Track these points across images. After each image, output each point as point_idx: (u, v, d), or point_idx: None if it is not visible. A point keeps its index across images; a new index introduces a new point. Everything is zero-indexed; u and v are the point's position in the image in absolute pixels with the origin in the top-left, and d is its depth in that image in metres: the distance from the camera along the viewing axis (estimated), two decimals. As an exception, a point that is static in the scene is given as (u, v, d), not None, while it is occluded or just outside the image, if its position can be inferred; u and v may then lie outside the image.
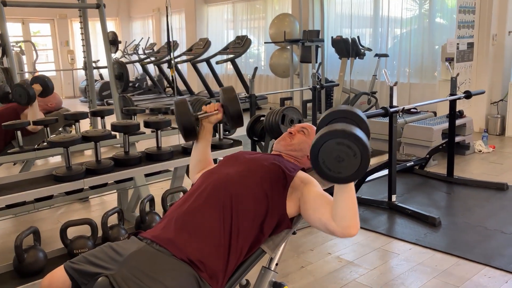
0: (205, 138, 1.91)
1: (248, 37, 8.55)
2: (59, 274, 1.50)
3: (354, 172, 1.32)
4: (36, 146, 3.36)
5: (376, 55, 7.42)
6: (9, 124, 3.05)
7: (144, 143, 3.79)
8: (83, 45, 5.48)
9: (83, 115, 3.31)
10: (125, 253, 1.47)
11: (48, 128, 3.14)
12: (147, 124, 2.77)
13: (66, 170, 2.35)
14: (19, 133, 3.07)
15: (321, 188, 1.61)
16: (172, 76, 7.98)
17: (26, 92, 3.36)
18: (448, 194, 3.98)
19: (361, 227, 3.24)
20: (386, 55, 7.50)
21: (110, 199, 3.94)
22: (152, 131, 2.99)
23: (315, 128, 1.87)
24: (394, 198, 3.61)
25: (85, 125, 6.07)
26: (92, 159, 2.55)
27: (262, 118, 3.66)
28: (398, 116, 3.64)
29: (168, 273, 1.39)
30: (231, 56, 8.25)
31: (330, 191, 1.58)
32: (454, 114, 4.25)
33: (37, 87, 3.56)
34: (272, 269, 1.75)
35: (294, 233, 1.77)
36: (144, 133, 3.42)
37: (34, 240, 2.23)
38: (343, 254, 2.89)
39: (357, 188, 3.83)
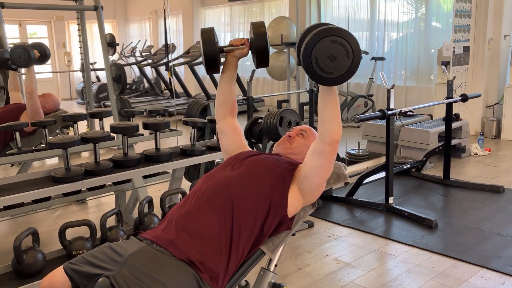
0: (228, 72, 1.85)
1: (245, 40, 8.56)
2: (58, 275, 1.50)
3: (345, 72, 1.34)
4: (34, 148, 3.36)
5: (373, 58, 7.45)
6: (7, 125, 3.05)
7: (142, 145, 3.79)
8: (80, 47, 5.48)
9: (81, 117, 3.31)
10: (125, 253, 1.47)
11: (46, 130, 3.14)
12: (146, 126, 2.77)
13: (65, 171, 2.35)
14: (17, 134, 3.07)
15: None
16: (169, 79, 7.98)
17: (26, 53, 3.31)
18: (445, 197, 4.00)
19: (358, 229, 3.28)
20: (382, 59, 7.53)
21: (108, 201, 3.93)
22: (151, 133, 2.99)
23: (314, 130, 1.89)
24: (391, 200, 3.62)
25: (82, 127, 6.06)
26: (90, 161, 2.55)
27: (260, 120, 3.67)
28: (395, 119, 3.66)
29: (168, 273, 1.40)
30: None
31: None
32: (450, 117, 4.27)
33: (35, 53, 3.54)
34: (271, 270, 1.76)
35: (293, 234, 1.78)
36: (143, 134, 3.43)
37: (33, 241, 2.23)
38: (341, 256, 2.90)
39: (354, 190, 3.85)
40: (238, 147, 1.88)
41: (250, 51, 1.79)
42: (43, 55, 3.63)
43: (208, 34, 1.73)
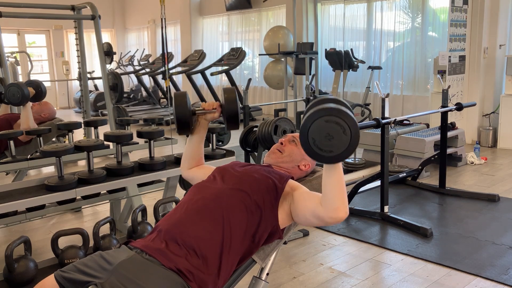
0: (199, 134, 1.92)
1: (243, 49, 8.61)
2: (49, 282, 1.51)
3: (345, 149, 1.33)
4: (29, 156, 3.36)
5: (369, 67, 7.49)
6: (1, 134, 3.06)
7: (137, 153, 3.80)
8: (78, 56, 5.50)
9: (76, 125, 3.32)
10: (114, 261, 1.47)
11: (41, 138, 3.14)
12: (140, 134, 2.78)
13: (58, 180, 2.35)
14: (11, 142, 3.07)
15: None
16: (167, 87, 8.01)
17: (20, 91, 3.32)
18: (440, 205, 4.00)
19: (353, 238, 3.27)
20: (379, 68, 7.57)
21: (103, 209, 3.93)
22: (145, 141, 2.99)
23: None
24: (386, 209, 3.62)
25: (79, 135, 6.07)
26: (85, 169, 2.55)
27: (255, 129, 3.67)
28: (390, 128, 3.67)
29: (156, 282, 1.40)
30: (226, 67, 8.30)
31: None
32: (445, 126, 4.28)
33: (30, 90, 3.54)
34: (263, 279, 1.75)
35: (285, 243, 1.78)
36: (138, 143, 3.43)
37: (25, 250, 2.22)
38: (335, 264, 2.89)
39: (350, 199, 3.85)
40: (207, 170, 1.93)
41: (221, 115, 1.87)
42: (39, 93, 3.62)
43: (181, 98, 1.81)
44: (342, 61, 7.15)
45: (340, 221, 1.44)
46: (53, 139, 4.33)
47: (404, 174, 4.46)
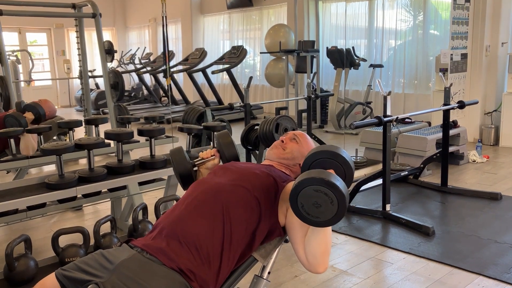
0: None
1: (244, 47, 8.59)
2: (50, 281, 1.50)
3: (331, 217, 1.37)
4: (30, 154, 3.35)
5: (371, 65, 7.47)
6: (2, 132, 3.05)
7: (138, 152, 3.79)
8: (79, 55, 5.49)
9: (76, 123, 3.31)
10: (115, 260, 1.46)
11: (41, 136, 3.14)
12: (140, 132, 2.77)
13: (59, 178, 2.34)
14: (12, 141, 3.06)
15: None
16: (168, 86, 8.01)
17: (17, 121, 3.36)
18: (442, 204, 3.98)
19: (355, 236, 3.26)
20: (381, 66, 7.55)
21: (104, 208, 3.92)
22: (146, 140, 2.99)
23: (307, 135, 1.89)
24: (388, 207, 3.61)
25: (80, 134, 6.07)
26: (86, 168, 2.54)
27: (256, 127, 3.66)
28: (392, 126, 3.65)
29: (158, 282, 1.38)
30: (227, 66, 8.29)
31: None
32: (447, 124, 4.27)
33: (29, 116, 3.55)
34: (265, 277, 1.74)
35: (286, 241, 1.77)
36: (138, 141, 3.42)
37: (25, 249, 2.22)
38: (337, 263, 2.88)
39: (352, 197, 3.84)
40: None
41: (221, 159, 1.90)
42: (38, 117, 3.63)
43: (179, 155, 1.83)
44: (343, 59, 7.13)
45: (317, 274, 1.53)
46: (54, 137, 4.32)
47: (406, 172, 4.45)
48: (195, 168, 1.89)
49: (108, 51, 5.33)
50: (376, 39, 7.99)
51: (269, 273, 1.75)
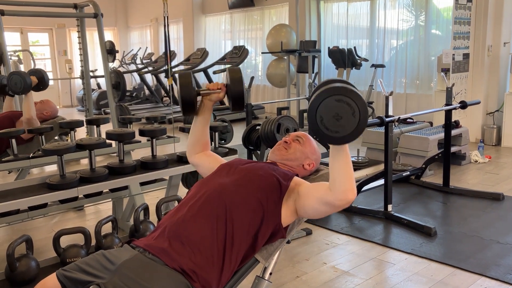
0: (203, 115, 1.89)
1: (246, 47, 8.58)
2: (51, 281, 1.49)
3: (352, 131, 1.30)
4: (31, 155, 3.35)
5: (373, 65, 7.46)
6: (3, 132, 3.05)
7: (140, 152, 3.79)
8: (80, 55, 5.50)
9: (78, 123, 3.31)
10: (117, 261, 1.45)
11: (43, 136, 3.13)
12: (142, 133, 2.76)
13: (60, 178, 2.34)
14: (13, 141, 3.06)
15: None
16: (169, 86, 8.00)
17: (22, 80, 3.30)
18: (444, 204, 3.97)
19: (356, 237, 3.25)
20: (382, 66, 7.54)
21: (106, 208, 3.92)
22: (148, 140, 2.98)
23: (310, 137, 1.88)
24: (390, 208, 3.60)
25: (82, 134, 6.07)
26: (87, 168, 2.54)
27: (257, 127, 3.66)
28: (394, 126, 3.64)
29: (160, 282, 1.38)
30: (229, 66, 8.27)
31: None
32: (449, 124, 4.25)
33: (33, 79, 3.50)
34: (266, 278, 1.74)
35: (288, 242, 1.76)
36: (140, 141, 3.42)
37: (26, 249, 2.21)
38: (339, 264, 2.88)
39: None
40: (215, 161, 1.91)
41: (226, 95, 1.84)
42: (42, 82, 3.59)
43: (186, 78, 1.78)
44: (345, 59, 7.12)
45: (350, 203, 1.44)
46: (56, 138, 4.32)
47: (408, 172, 4.44)
48: (199, 99, 1.85)
49: (109, 51, 5.34)
50: (377, 39, 7.97)
51: (270, 274, 1.75)
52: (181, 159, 2.83)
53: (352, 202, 1.44)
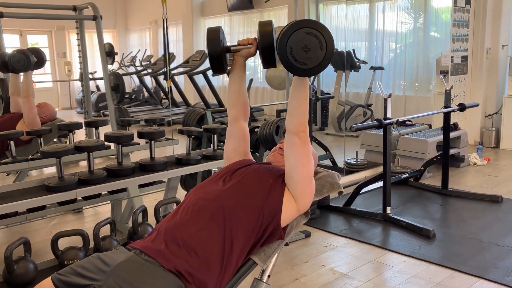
0: (236, 72, 1.85)
1: (245, 49, 8.57)
2: (46, 285, 1.49)
3: (317, 64, 1.37)
4: (30, 157, 3.35)
5: (372, 68, 7.46)
6: (2, 134, 3.04)
7: (138, 154, 3.78)
8: (79, 57, 5.49)
9: (76, 126, 3.30)
10: (112, 263, 1.46)
11: (41, 139, 3.13)
12: (140, 135, 2.76)
13: (58, 181, 2.34)
14: (12, 143, 3.05)
15: None
16: (168, 88, 8.00)
17: (26, 57, 3.35)
18: (443, 206, 3.97)
19: (355, 239, 3.26)
20: (381, 68, 7.55)
21: (104, 210, 3.91)
22: (146, 142, 2.98)
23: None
24: (388, 210, 3.60)
25: (81, 136, 6.06)
26: (86, 170, 2.54)
27: (256, 129, 3.66)
28: (392, 128, 3.65)
29: (154, 283, 1.38)
30: (228, 68, 8.27)
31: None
32: (448, 126, 4.26)
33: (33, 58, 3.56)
34: (264, 281, 1.74)
35: (286, 244, 1.76)
36: (139, 143, 3.42)
37: (24, 251, 2.21)
38: (337, 266, 2.87)
39: (352, 200, 3.83)
40: (241, 154, 1.85)
41: (257, 50, 1.77)
42: (40, 60, 3.66)
43: (214, 33, 1.72)
44: (344, 61, 7.13)
45: (304, 133, 1.55)
46: (54, 140, 4.31)
47: (407, 175, 4.44)
48: (230, 57, 1.80)
49: (108, 53, 5.33)
50: (376, 41, 7.98)
51: (269, 276, 1.74)
52: (180, 161, 2.83)
53: (305, 133, 1.56)
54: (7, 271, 2.10)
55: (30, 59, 3.38)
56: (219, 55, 1.71)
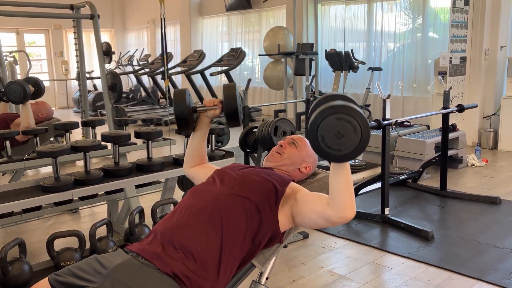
0: (200, 131, 1.89)
1: (243, 49, 8.56)
2: (43, 286, 1.48)
3: (354, 148, 1.29)
4: (26, 156, 3.32)
5: (370, 68, 7.45)
6: (-3, 134, 3.01)
7: (135, 154, 3.76)
8: (77, 56, 5.46)
9: (73, 125, 3.28)
10: (109, 265, 1.44)
11: (38, 138, 3.10)
12: (137, 135, 2.74)
13: (54, 181, 2.31)
14: (7, 142, 3.02)
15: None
16: (166, 88, 7.96)
17: (22, 89, 3.27)
18: (441, 208, 3.96)
19: (353, 241, 3.24)
20: (379, 69, 7.53)
21: (101, 211, 3.89)
22: (144, 142, 2.96)
23: (306, 140, 1.86)
24: (387, 211, 3.58)
25: (78, 136, 6.03)
26: (82, 170, 2.51)
27: (254, 130, 3.63)
28: (391, 129, 3.63)
29: (150, 286, 1.36)
30: (226, 68, 8.26)
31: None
32: (446, 127, 4.25)
33: (30, 88, 3.49)
34: (263, 283, 1.72)
35: (285, 246, 1.74)
36: (136, 143, 3.39)
37: (19, 252, 2.18)
38: (336, 268, 2.86)
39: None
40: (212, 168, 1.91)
41: (222, 111, 1.84)
42: (38, 91, 3.58)
43: (181, 96, 1.79)
44: (342, 62, 7.12)
45: (348, 220, 1.41)
46: (51, 139, 4.29)
47: (405, 176, 4.43)
48: (196, 115, 1.86)
49: (106, 52, 5.29)
50: (375, 42, 7.98)
51: (267, 278, 1.73)
52: (177, 162, 2.80)
53: (351, 219, 1.41)
54: (2, 272, 2.07)
55: (27, 90, 3.30)
56: (186, 116, 1.79)
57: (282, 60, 8.19)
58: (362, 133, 1.28)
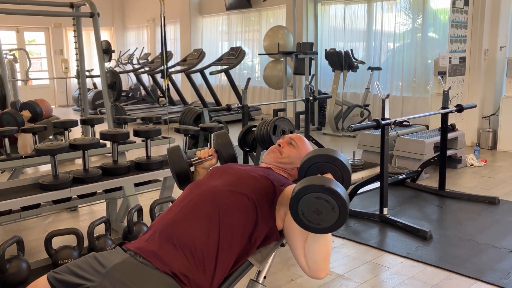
0: (198, 178, 1.89)
1: (242, 48, 8.57)
2: (41, 284, 1.48)
3: (332, 224, 1.36)
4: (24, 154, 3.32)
5: (369, 68, 7.46)
6: (-3, 132, 3.02)
7: (134, 152, 3.76)
8: (76, 54, 5.47)
9: (72, 123, 3.28)
10: (108, 264, 1.44)
11: (36, 136, 3.10)
12: (136, 133, 2.74)
13: (53, 179, 2.32)
14: (6, 140, 3.03)
15: None
16: (165, 86, 7.98)
17: (14, 119, 3.33)
18: (440, 208, 3.96)
19: (352, 240, 3.24)
20: (379, 68, 7.54)
21: (100, 209, 3.89)
22: (142, 140, 2.96)
23: (304, 138, 1.86)
24: (385, 211, 3.58)
25: (77, 134, 6.03)
26: (81, 168, 2.51)
27: (253, 129, 3.64)
28: (390, 129, 3.63)
29: (150, 286, 1.36)
30: (225, 67, 8.26)
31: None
32: (445, 127, 4.25)
33: (26, 114, 3.53)
34: (260, 282, 1.71)
35: (282, 245, 1.74)
36: (135, 142, 3.40)
37: (17, 250, 2.18)
38: (334, 267, 2.86)
39: (349, 200, 3.80)
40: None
41: (218, 159, 1.88)
42: (35, 115, 3.61)
43: (176, 153, 1.81)
44: (342, 61, 7.12)
45: (319, 279, 1.53)
46: (50, 137, 4.29)
47: (404, 175, 4.43)
48: (192, 168, 1.87)
49: (106, 50, 5.30)
50: (374, 41, 7.98)
51: (264, 277, 1.72)
52: (176, 160, 2.80)
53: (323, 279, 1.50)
54: (0, 270, 2.07)
55: (18, 120, 3.33)
56: (186, 173, 1.81)
57: (282, 59, 8.19)
58: (340, 211, 1.34)
